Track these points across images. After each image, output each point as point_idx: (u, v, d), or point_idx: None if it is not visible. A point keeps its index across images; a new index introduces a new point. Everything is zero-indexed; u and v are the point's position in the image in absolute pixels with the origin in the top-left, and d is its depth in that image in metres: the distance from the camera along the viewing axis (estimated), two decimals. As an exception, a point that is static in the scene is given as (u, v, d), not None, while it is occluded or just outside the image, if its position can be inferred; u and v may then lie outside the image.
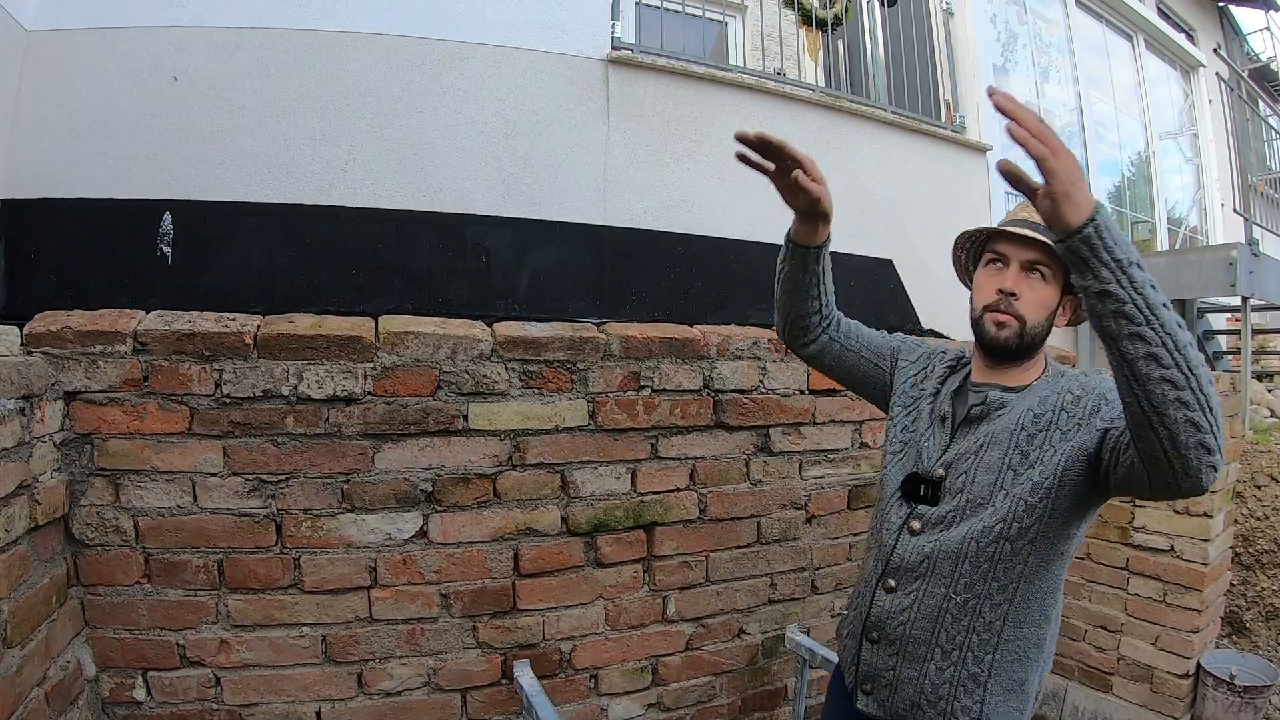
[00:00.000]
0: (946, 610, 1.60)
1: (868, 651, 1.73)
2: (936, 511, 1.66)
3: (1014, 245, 1.63)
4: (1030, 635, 1.60)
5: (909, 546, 1.67)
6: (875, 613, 1.72)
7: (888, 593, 1.70)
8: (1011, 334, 1.62)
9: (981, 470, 1.60)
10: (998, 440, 1.60)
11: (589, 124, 3.54)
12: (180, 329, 2.07)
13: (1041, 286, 1.62)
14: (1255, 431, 4.84)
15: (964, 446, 1.66)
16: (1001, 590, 1.56)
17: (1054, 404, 1.57)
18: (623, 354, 2.52)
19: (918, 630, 1.64)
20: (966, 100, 5.41)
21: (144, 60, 2.93)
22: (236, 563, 2.17)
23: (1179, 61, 8.76)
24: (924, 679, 1.62)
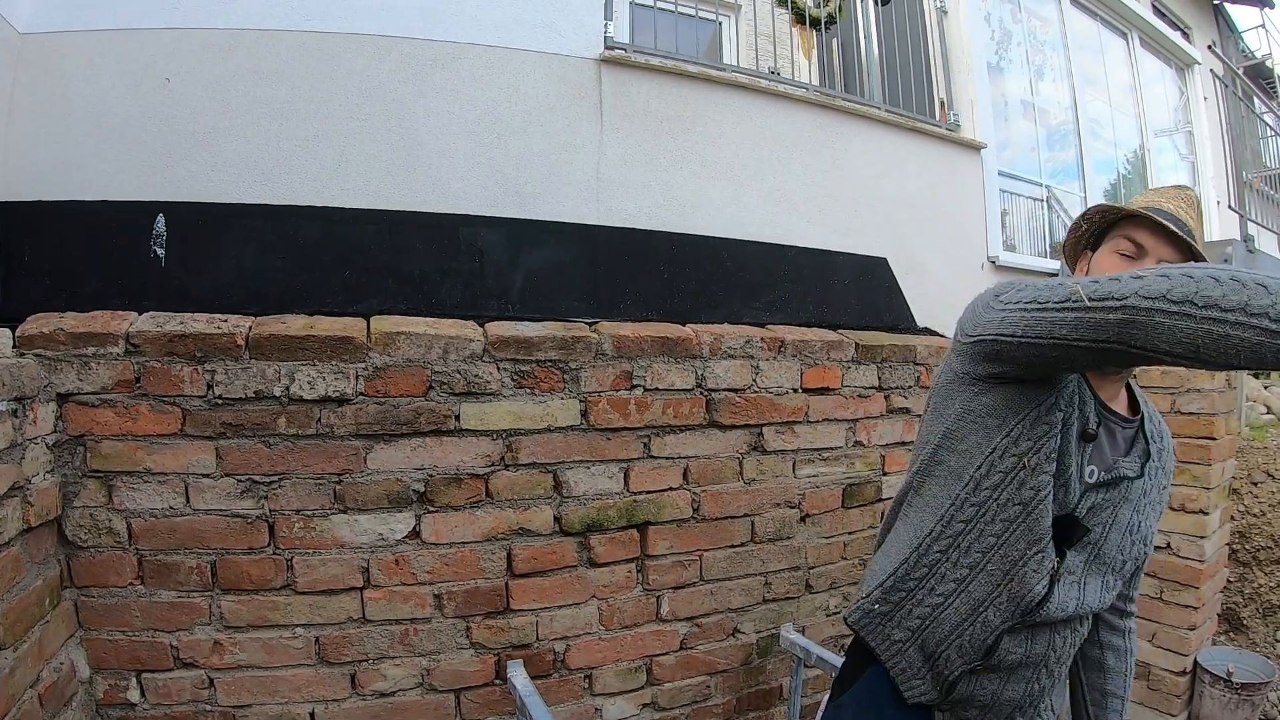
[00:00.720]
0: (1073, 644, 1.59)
1: (967, 682, 1.52)
2: (1073, 560, 1.47)
3: (1157, 238, 1.45)
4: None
5: (1059, 598, 1.45)
6: (1000, 652, 1.49)
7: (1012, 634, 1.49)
8: None
9: (1114, 529, 1.49)
10: (1129, 497, 1.50)
11: (582, 124, 3.54)
12: (172, 330, 2.07)
13: None
14: (1251, 428, 4.83)
15: (1107, 496, 1.48)
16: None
17: (1167, 468, 1.57)
18: (615, 353, 2.52)
19: (1033, 657, 1.51)
20: (961, 99, 5.42)
21: (137, 62, 2.93)
22: (229, 564, 2.17)
23: (1174, 59, 8.76)
24: (1026, 697, 1.55)
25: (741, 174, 4.00)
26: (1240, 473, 4.17)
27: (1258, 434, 4.61)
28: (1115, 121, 7.67)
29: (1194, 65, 8.78)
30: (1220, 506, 3.72)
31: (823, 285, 3.51)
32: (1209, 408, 3.47)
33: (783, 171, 4.14)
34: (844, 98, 4.61)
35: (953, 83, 5.45)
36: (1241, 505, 4.10)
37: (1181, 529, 3.56)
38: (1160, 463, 1.55)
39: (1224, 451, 3.65)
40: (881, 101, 4.78)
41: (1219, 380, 3.52)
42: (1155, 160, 8.14)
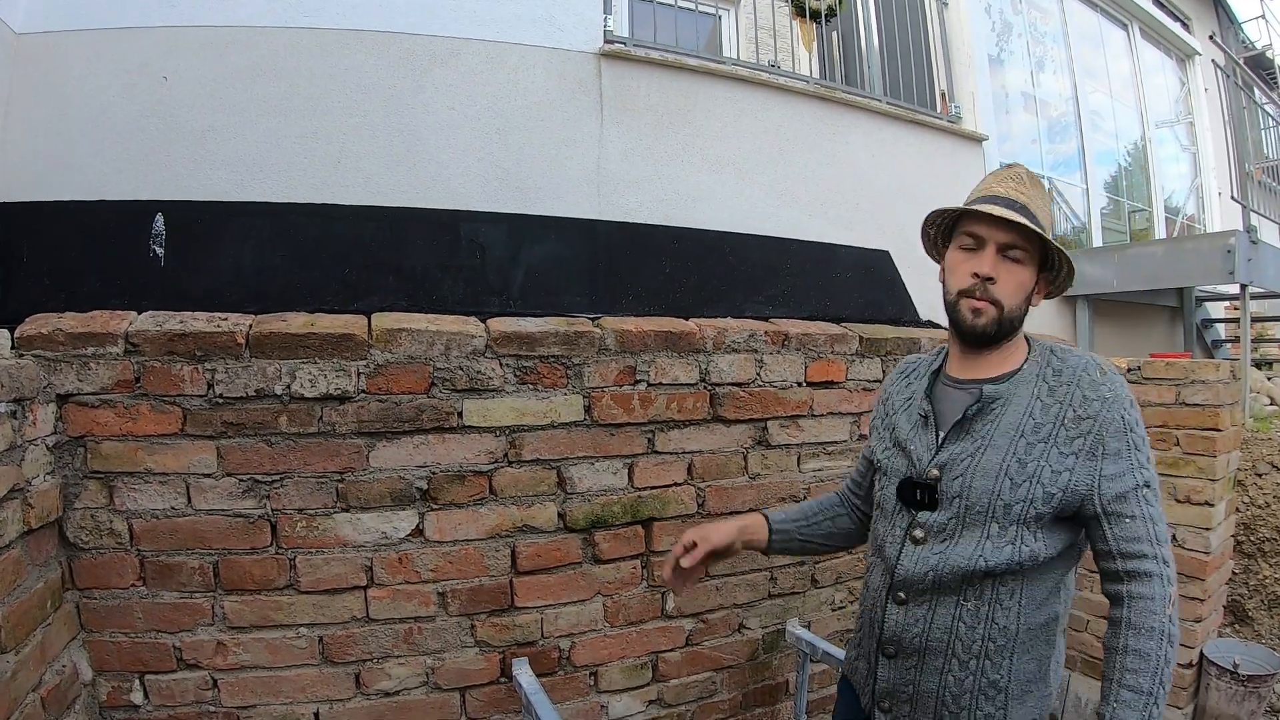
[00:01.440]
0: (960, 619, 1.55)
1: (884, 668, 1.66)
2: (937, 519, 1.58)
3: (990, 227, 1.57)
4: (1044, 632, 1.56)
5: (914, 558, 1.59)
6: (890, 627, 1.63)
7: (899, 605, 1.62)
8: (989, 321, 1.57)
9: (979, 475, 1.53)
10: (995, 444, 1.54)
11: (582, 118, 3.53)
12: (172, 329, 2.06)
13: (1019, 270, 1.57)
14: (1255, 419, 4.82)
15: (960, 448, 1.58)
16: (1010, 595, 1.53)
17: (1056, 415, 1.52)
18: (618, 348, 2.50)
19: (934, 641, 1.57)
20: (962, 90, 5.41)
21: (134, 61, 2.93)
22: (232, 564, 2.15)
23: (1174, 50, 8.75)
24: (944, 690, 1.56)
25: (742, 167, 3.99)
26: (1245, 464, 4.16)
27: (1262, 425, 4.60)
28: (1116, 113, 7.67)
29: (1194, 56, 8.77)
30: (1225, 498, 3.71)
31: (825, 278, 3.50)
32: (1214, 399, 3.46)
33: (784, 164, 4.13)
34: (845, 90, 4.60)
35: (953, 75, 5.44)
36: (1246, 497, 4.09)
37: (1187, 521, 3.54)
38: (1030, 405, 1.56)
39: (1229, 443, 3.63)
40: (882, 94, 4.78)
41: (1223, 372, 3.50)
42: (1156, 151, 8.13)
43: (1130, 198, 7.94)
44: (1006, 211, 1.53)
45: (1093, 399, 1.51)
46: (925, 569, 1.56)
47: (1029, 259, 1.58)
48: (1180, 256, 5.82)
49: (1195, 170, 8.92)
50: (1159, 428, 3.62)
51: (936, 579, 1.55)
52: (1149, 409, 3.64)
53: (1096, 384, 1.53)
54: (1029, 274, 1.59)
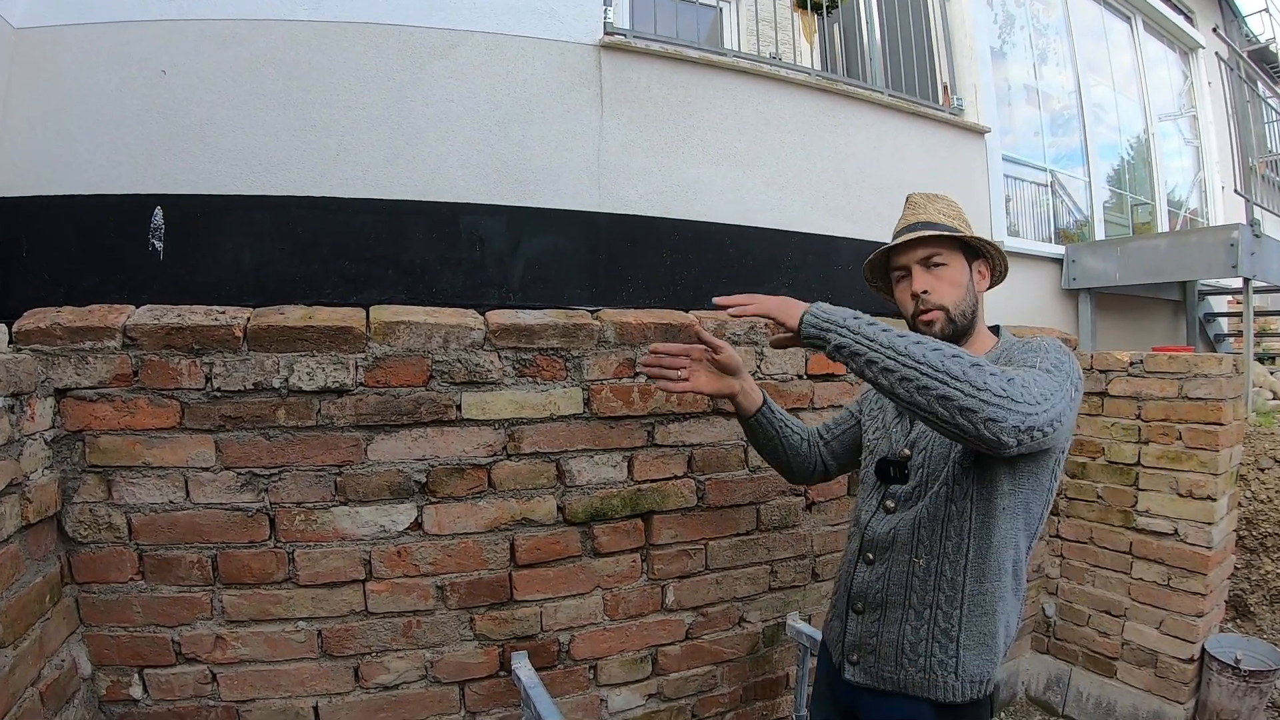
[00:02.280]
0: (913, 573, 1.74)
1: (853, 623, 1.86)
2: (905, 489, 1.79)
3: (904, 254, 1.81)
4: (992, 589, 1.69)
5: (881, 521, 1.82)
6: (856, 584, 1.86)
7: (867, 565, 1.84)
8: (942, 324, 1.76)
9: (936, 444, 1.73)
10: None
11: (582, 110, 3.52)
12: (169, 323, 2.05)
13: (946, 272, 1.77)
14: (1258, 414, 4.82)
15: (924, 429, 1.78)
16: (957, 549, 1.69)
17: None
18: (617, 340, 2.49)
19: (892, 594, 1.77)
20: (964, 82, 5.39)
21: (133, 55, 2.92)
22: (230, 558, 2.15)
23: (1178, 43, 8.72)
24: (902, 639, 1.75)
25: (743, 159, 3.99)
26: (1248, 459, 4.15)
27: (1265, 420, 4.59)
28: (1119, 106, 7.65)
29: (1198, 49, 8.74)
30: (1228, 492, 3.70)
31: (827, 271, 3.49)
32: (1216, 393, 3.45)
33: (785, 157, 4.12)
34: (846, 82, 4.58)
35: (956, 67, 5.42)
36: (1249, 492, 4.09)
37: (1189, 515, 3.54)
38: None
39: (1232, 437, 3.62)
40: (884, 86, 4.76)
41: (1226, 365, 3.49)
42: (1159, 145, 8.11)
43: (1133, 191, 7.92)
44: (907, 235, 1.79)
45: (1021, 349, 1.67)
46: (888, 528, 1.79)
47: (951, 257, 1.79)
48: (1183, 250, 5.81)
49: (1198, 164, 8.89)
50: (1161, 421, 3.61)
51: (894, 534, 1.77)
52: (1151, 403, 3.64)
53: (1026, 343, 1.68)
54: (958, 270, 1.79)
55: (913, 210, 1.88)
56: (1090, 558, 3.88)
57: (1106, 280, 5.96)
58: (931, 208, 1.85)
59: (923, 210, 1.85)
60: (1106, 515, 3.80)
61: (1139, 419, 3.68)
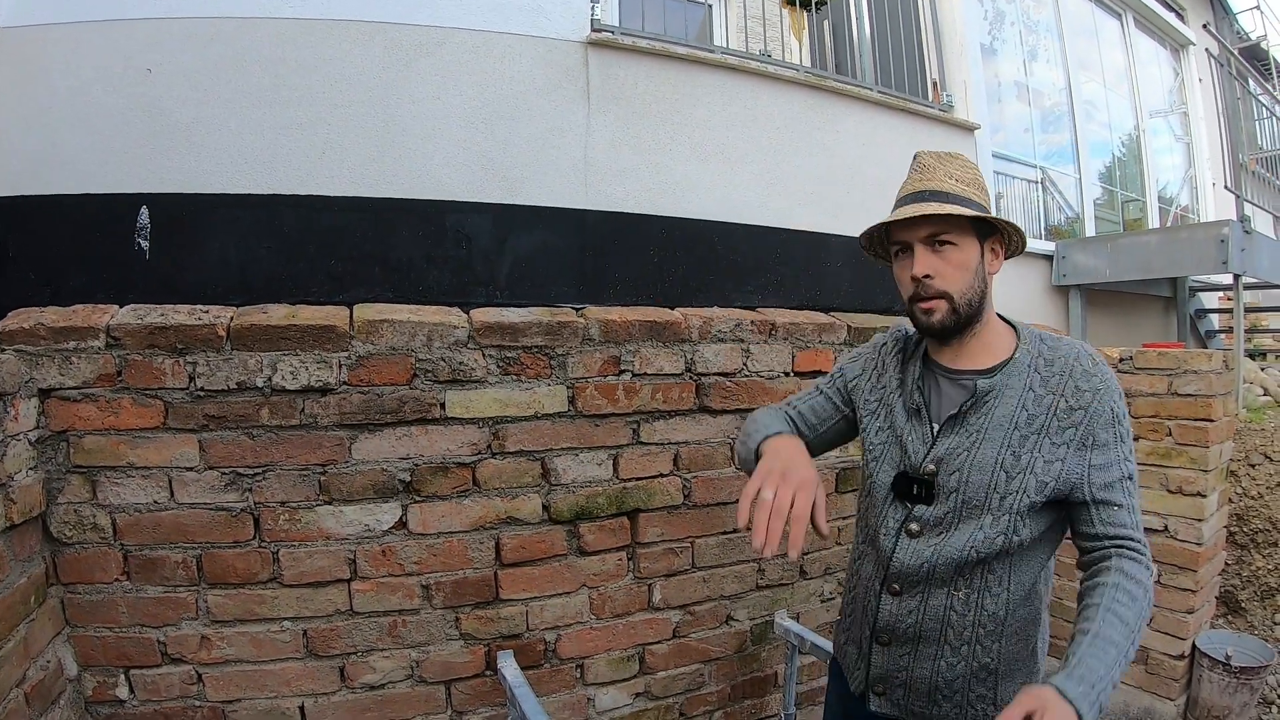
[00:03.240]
0: (951, 608, 1.58)
1: (878, 655, 1.69)
2: (934, 512, 1.58)
3: (908, 229, 1.56)
4: (1031, 612, 1.60)
5: (909, 550, 1.60)
6: (883, 617, 1.66)
7: (893, 596, 1.64)
8: (944, 315, 1.55)
9: (975, 470, 1.53)
10: (990, 437, 1.53)
11: (569, 107, 3.51)
12: (153, 322, 2.05)
13: (953, 253, 1.54)
14: (1249, 410, 4.81)
15: (955, 442, 1.57)
16: (999, 582, 1.56)
17: (1049, 406, 1.52)
18: (602, 338, 2.49)
19: (926, 630, 1.61)
20: (954, 79, 5.39)
21: (118, 54, 2.91)
22: (215, 558, 2.15)
23: (1169, 40, 8.72)
24: (937, 675, 1.60)
25: (732, 156, 3.98)
26: (1238, 455, 4.15)
27: (1255, 416, 4.60)
28: (1110, 103, 7.65)
29: (1189, 46, 8.74)
30: (1218, 489, 3.71)
31: (815, 268, 3.49)
32: (1206, 389, 3.45)
33: (774, 153, 4.12)
34: (835, 79, 4.58)
35: (945, 63, 5.42)
36: (1239, 487, 4.09)
37: (1179, 512, 3.54)
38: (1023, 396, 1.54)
39: (1222, 433, 3.63)
40: (873, 82, 4.76)
41: (1215, 361, 3.50)
42: (1150, 142, 8.11)
43: (1124, 188, 7.93)
44: (910, 209, 1.53)
45: (1084, 390, 1.51)
46: (920, 561, 1.58)
47: (961, 236, 1.54)
48: (1174, 246, 5.81)
49: (1189, 160, 8.90)
50: (1151, 418, 3.62)
51: (931, 570, 1.57)
52: (1141, 399, 3.64)
53: (1089, 374, 1.52)
54: (967, 252, 1.55)
55: (920, 174, 1.60)
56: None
57: (1097, 276, 5.97)
58: (942, 171, 1.58)
59: (932, 175, 1.58)
60: (1096, 511, 3.80)
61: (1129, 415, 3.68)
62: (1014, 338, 1.63)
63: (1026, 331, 1.63)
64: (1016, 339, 1.63)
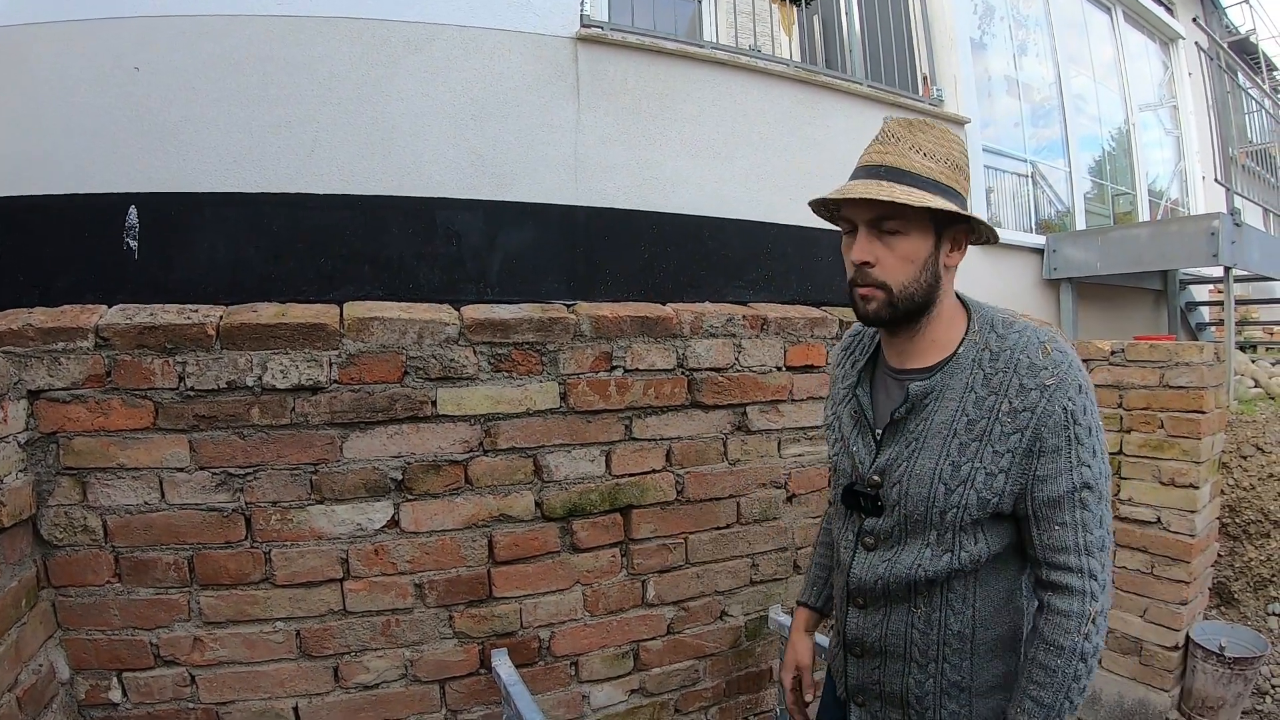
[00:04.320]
0: (913, 625, 1.50)
1: (853, 666, 1.64)
2: (882, 525, 1.50)
3: (854, 208, 1.39)
4: (1004, 634, 1.49)
5: (864, 565, 1.53)
6: (851, 629, 1.61)
7: (858, 609, 1.59)
8: (879, 305, 1.39)
9: (914, 482, 1.42)
10: (929, 446, 1.41)
11: (559, 103, 3.51)
12: (142, 322, 2.04)
13: (900, 242, 1.36)
14: (1240, 402, 4.84)
15: (895, 451, 1.46)
16: (961, 600, 1.46)
17: (990, 408, 1.37)
18: (593, 334, 2.49)
19: (891, 645, 1.53)
20: (944, 74, 5.40)
21: (106, 53, 2.90)
22: (207, 559, 2.14)
23: (1158, 34, 8.75)
24: (908, 692, 1.53)
25: (722, 151, 3.99)
26: (1230, 446, 4.16)
27: (1246, 408, 4.62)
28: (1100, 97, 7.67)
29: (1178, 40, 8.77)
30: (1210, 480, 3.72)
31: (806, 262, 3.48)
32: (1198, 381, 3.46)
33: (764, 148, 4.13)
34: (825, 73, 4.58)
35: (935, 58, 5.43)
36: (1231, 479, 4.10)
37: (1172, 503, 3.55)
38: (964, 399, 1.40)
39: (1213, 425, 3.64)
40: (864, 77, 4.77)
41: (1207, 354, 3.50)
42: (1140, 135, 8.14)
43: (1114, 181, 7.95)
44: (859, 187, 1.36)
45: (1031, 389, 1.35)
46: (874, 577, 1.51)
47: (912, 224, 1.36)
48: (1165, 239, 5.83)
49: (1179, 154, 8.93)
50: (1143, 410, 3.62)
51: (885, 587, 1.50)
52: (1133, 391, 3.65)
53: (1036, 369, 1.35)
54: (916, 242, 1.37)
55: (882, 144, 1.42)
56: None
57: (1088, 270, 5.98)
58: (908, 143, 1.39)
59: (894, 149, 1.39)
60: (1089, 503, 3.81)
61: (1120, 408, 3.69)
62: (964, 329, 1.47)
63: (980, 319, 1.47)
64: (966, 329, 1.47)
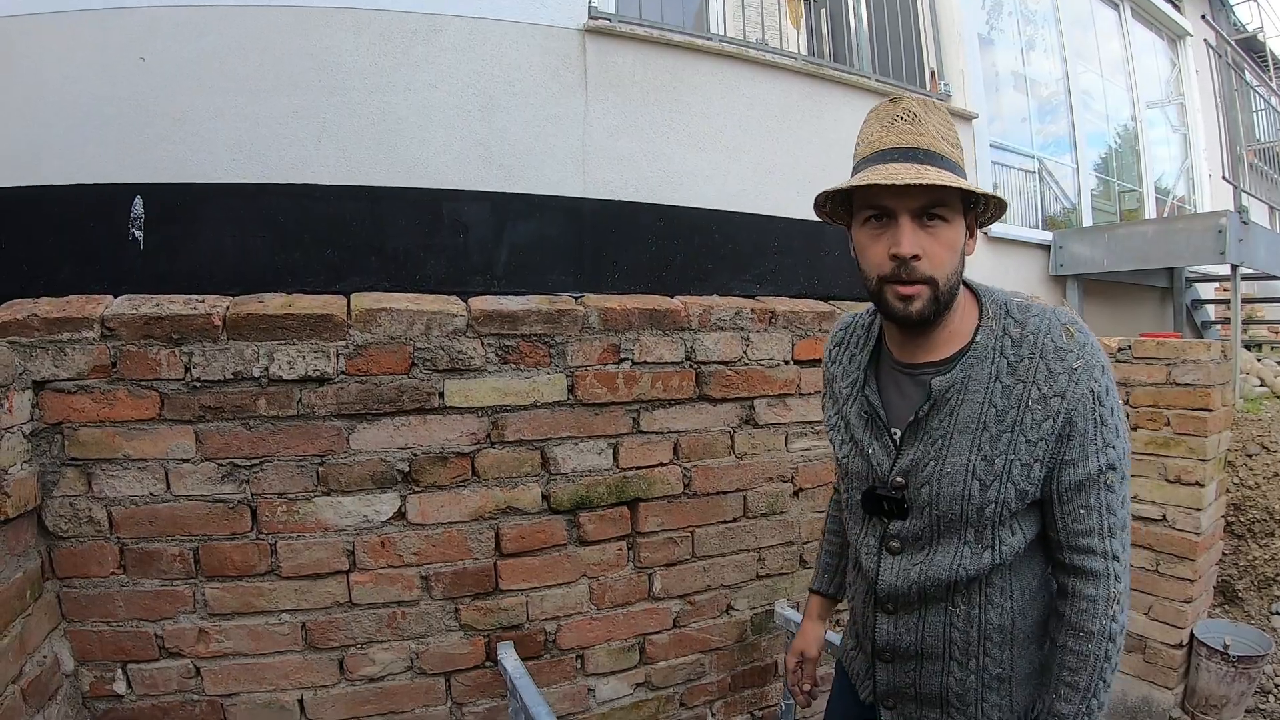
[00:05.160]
0: (952, 625, 1.46)
1: (883, 671, 1.59)
2: (909, 528, 1.45)
3: (898, 195, 1.27)
4: (1040, 620, 1.49)
5: (894, 571, 1.49)
6: (881, 637, 1.56)
7: (888, 615, 1.54)
8: (924, 304, 1.31)
9: (946, 482, 1.38)
10: (957, 442, 1.37)
11: (566, 95, 3.51)
12: (148, 313, 2.03)
13: (945, 230, 1.29)
14: (1246, 400, 4.83)
15: (920, 451, 1.42)
16: (1000, 593, 1.44)
17: (1019, 396, 1.33)
18: (602, 326, 2.48)
19: (929, 647, 1.49)
20: (951, 68, 5.39)
21: (111, 43, 2.89)
22: (212, 550, 2.13)
23: (1166, 30, 8.73)
24: (947, 691, 1.50)
25: (730, 144, 3.98)
26: (1235, 445, 4.16)
27: (1252, 406, 4.61)
28: (1107, 93, 7.65)
29: (1186, 37, 8.75)
30: (1216, 478, 3.71)
31: (814, 256, 3.47)
32: (1205, 379, 3.45)
33: (771, 142, 4.12)
34: (833, 67, 4.57)
35: (943, 52, 5.42)
36: (1236, 477, 4.10)
37: (1178, 501, 3.54)
38: (989, 390, 1.36)
39: (1220, 423, 3.63)
40: (871, 71, 4.75)
41: (1214, 351, 3.49)
42: (1147, 132, 8.12)
43: (1120, 178, 7.93)
44: (911, 171, 1.25)
45: (1059, 373, 1.31)
46: (907, 582, 1.47)
47: (953, 211, 1.30)
48: (1171, 236, 5.81)
49: (1186, 151, 8.91)
50: (1149, 407, 3.61)
51: (921, 590, 1.46)
52: (1140, 389, 3.64)
53: (1062, 353, 1.32)
54: (957, 229, 1.32)
55: (910, 124, 1.31)
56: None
57: (1094, 267, 5.97)
58: (933, 125, 1.31)
59: (924, 129, 1.30)
60: (1095, 500, 3.80)
61: (1127, 404, 3.68)
62: (976, 315, 1.43)
63: (991, 304, 1.42)
64: (979, 315, 1.42)
